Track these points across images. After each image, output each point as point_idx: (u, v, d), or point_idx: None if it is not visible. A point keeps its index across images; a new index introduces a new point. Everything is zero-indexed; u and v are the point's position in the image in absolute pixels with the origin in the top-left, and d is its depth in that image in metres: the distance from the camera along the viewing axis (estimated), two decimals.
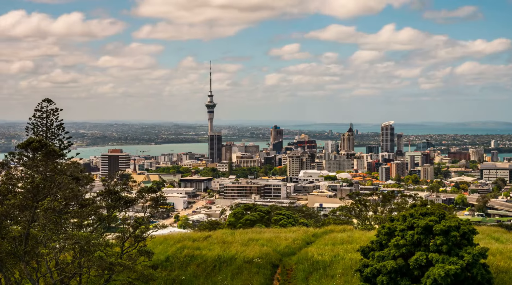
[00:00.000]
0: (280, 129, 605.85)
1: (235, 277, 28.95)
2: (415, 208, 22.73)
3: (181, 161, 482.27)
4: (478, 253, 20.76)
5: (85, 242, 22.24)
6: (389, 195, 55.00)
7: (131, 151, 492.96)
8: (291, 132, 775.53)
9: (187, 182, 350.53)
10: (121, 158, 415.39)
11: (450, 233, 20.92)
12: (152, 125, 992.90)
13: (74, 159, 40.26)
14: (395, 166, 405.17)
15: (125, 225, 28.60)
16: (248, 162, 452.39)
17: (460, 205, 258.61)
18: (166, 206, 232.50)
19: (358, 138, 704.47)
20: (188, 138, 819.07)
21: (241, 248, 32.11)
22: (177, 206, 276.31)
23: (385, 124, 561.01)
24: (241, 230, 38.61)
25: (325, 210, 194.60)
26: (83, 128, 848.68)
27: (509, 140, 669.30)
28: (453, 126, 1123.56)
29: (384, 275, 21.12)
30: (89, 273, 23.65)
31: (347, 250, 31.08)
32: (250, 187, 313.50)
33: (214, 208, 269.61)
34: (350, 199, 57.04)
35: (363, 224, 49.91)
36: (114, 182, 30.10)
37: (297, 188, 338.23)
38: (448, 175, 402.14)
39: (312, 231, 38.56)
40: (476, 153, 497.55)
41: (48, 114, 46.85)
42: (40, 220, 22.94)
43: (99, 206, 28.32)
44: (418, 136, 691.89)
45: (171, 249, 32.15)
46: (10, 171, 24.22)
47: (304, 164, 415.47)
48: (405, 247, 21.26)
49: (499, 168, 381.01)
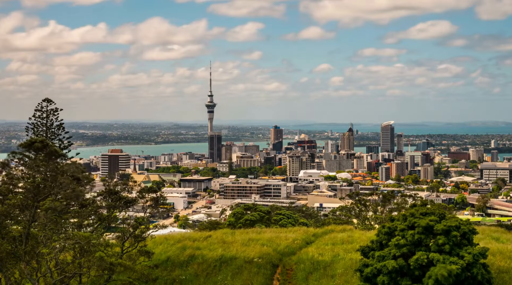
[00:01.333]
0: (280, 129, 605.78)
1: (236, 277, 28.97)
2: (415, 208, 22.72)
3: (181, 161, 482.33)
4: (478, 253, 20.75)
5: (85, 242, 22.25)
6: (389, 194, 55.03)
7: (131, 151, 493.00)
8: (291, 132, 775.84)
9: (187, 182, 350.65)
10: (121, 158, 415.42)
11: (451, 232, 20.91)
12: (152, 125, 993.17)
13: (74, 158, 40.29)
14: (395, 166, 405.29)
15: (125, 225, 28.62)
16: (248, 161, 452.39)
17: (460, 205, 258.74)
18: (166, 206, 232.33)
19: (358, 138, 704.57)
20: (188, 138, 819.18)
21: (241, 248, 32.13)
22: (177, 206, 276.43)
23: (385, 124, 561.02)
24: (241, 230, 38.63)
25: (325, 210, 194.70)
26: (83, 128, 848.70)
27: (509, 140, 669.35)
28: (453, 126, 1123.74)
29: (385, 275, 21.11)
30: (89, 273, 23.65)
31: (347, 250, 31.09)
32: (250, 187, 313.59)
33: (214, 208, 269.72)
34: (350, 199, 57.08)
35: (363, 224, 49.92)
36: (114, 182, 30.12)
37: (297, 188, 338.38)
38: (448, 175, 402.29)
39: (312, 231, 38.55)
40: (476, 153, 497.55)
41: (48, 114, 46.85)
42: (40, 220, 22.96)
43: (99, 206, 28.36)
44: (418, 136, 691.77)
45: (172, 249, 32.14)
46: (11, 170, 24.21)
47: (304, 164, 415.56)
48: (405, 247, 21.25)
49: (499, 167, 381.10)
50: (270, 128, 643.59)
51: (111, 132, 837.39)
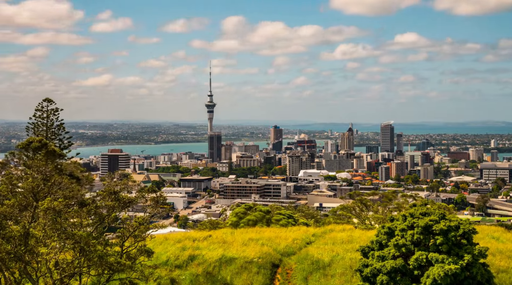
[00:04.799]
0: (280, 129, 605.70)
1: (236, 276, 28.97)
2: (415, 208, 22.71)
3: (181, 161, 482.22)
4: (478, 252, 20.76)
5: (85, 242, 22.23)
6: (389, 194, 55.02)
7: (131, 151, 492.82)
8: (291, 132, 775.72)
9: (187, 182, 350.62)
10: (121, 158, 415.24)
11: (450, 232, 20.91)
12: (152, 125, 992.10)
13: (74, 158, 40.29)
14: (395, 166, 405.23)
15: (125, 225, 28.59)
16: (248, 161, 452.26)
17: (460, 205, 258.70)
18: (166, 206, 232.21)
19: (358, 138, 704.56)
20: (188, 138, 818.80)
21: (241, 247, 32.13)
22: (177, 205, 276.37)
23: (385, 124, 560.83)
24: (241, 230, 38.64)
25: (325, 210, 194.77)
26: (83, 128, 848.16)
27: (509, 140, 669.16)
28: (453, 126, 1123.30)
29: (384, 275, 21.12)
30: (89, 273, 23.64)
31: (347, 250, 31.10)
32: (250, 187, 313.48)
33: (214, 208, 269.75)
34: (350, 198, 57.08)
35: (363, 224, 49.89)
36: (114, 182, 30.09)
37: (297, 187, 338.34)
38: (448, 175, 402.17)
39: (312, 231, 38.57)
40: (476, 153, 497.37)
41: (48, 114, 46.83)
42: (40, 220, 22.94)
43: (99, 206, 28.30)
44: (418, 136, 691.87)
45: (172, 249, 32.13)
46: (10, 170, 24.21)
47: (304, 164, 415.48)
48: (405, 247, 21.26)
49: (499, 167, 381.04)
50: (270, 128, 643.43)
51: (111, 132, 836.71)
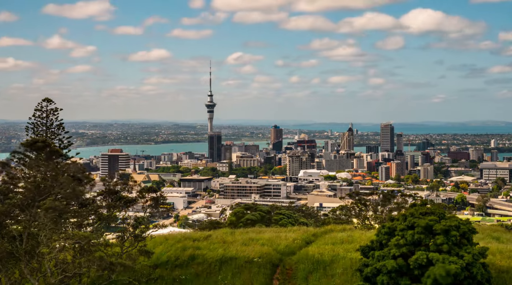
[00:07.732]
0: (280, 129, 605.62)
1: (236, 276, 28.99)
2: (415, 208, 22.72)
3: (181, 161, 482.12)
4: (478, 252, 20.77)
5: (85, 242, 22.27)
6: (389, 194, 54.94)
7: (131, 151, 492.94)
8: (291, 132, 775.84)
9: (187, 182, 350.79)
10: (121, 158, 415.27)
11: (450, 232, 20.92)
12: (152, 125, 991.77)
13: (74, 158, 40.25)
14: (395, 166, 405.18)
15: (125, 224, 28.62)
16: (248, 161, 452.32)
17: (460, 205, 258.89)
18: (166, 205, 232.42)
19: (358, 138, 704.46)
20: (188, 138, 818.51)
21: (241, 247, 32.12)
22: (177, 205, 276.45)
23: (385, 124, 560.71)
24: (242, 230, 38.62)
25: (325, 210, 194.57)
26: (83, 128, 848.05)
27: (509, 140, 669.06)
28: (453, 126, 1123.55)
29: (384, 275, 21.13)
30: (89, 273, 23.66)
31: (347, 250, 31.08)
32: (250, 187, 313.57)
33: (214, 208, 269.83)
34: (350, 198, 56.97)
35: (363, 224, 49.86)
36: (114, 182, 30.07)
37: (297, 187, 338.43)
38: (448, 175, 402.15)
39: (312, 231, 38.54)
40: (476, 153, 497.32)
41: (48, 114, 46.79)
42: (40, 220, 22.95)
43: (99, 206, 28.32)
44: (418, 136, 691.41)
45: (172, 249, 32.13)
46: (11, 170, 24.22)
47: (304, 164, 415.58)
48: (405, 247, 21.26)
49: (499, 167, 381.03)
50: (270, 128, 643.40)
51: (111, 132, 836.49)
